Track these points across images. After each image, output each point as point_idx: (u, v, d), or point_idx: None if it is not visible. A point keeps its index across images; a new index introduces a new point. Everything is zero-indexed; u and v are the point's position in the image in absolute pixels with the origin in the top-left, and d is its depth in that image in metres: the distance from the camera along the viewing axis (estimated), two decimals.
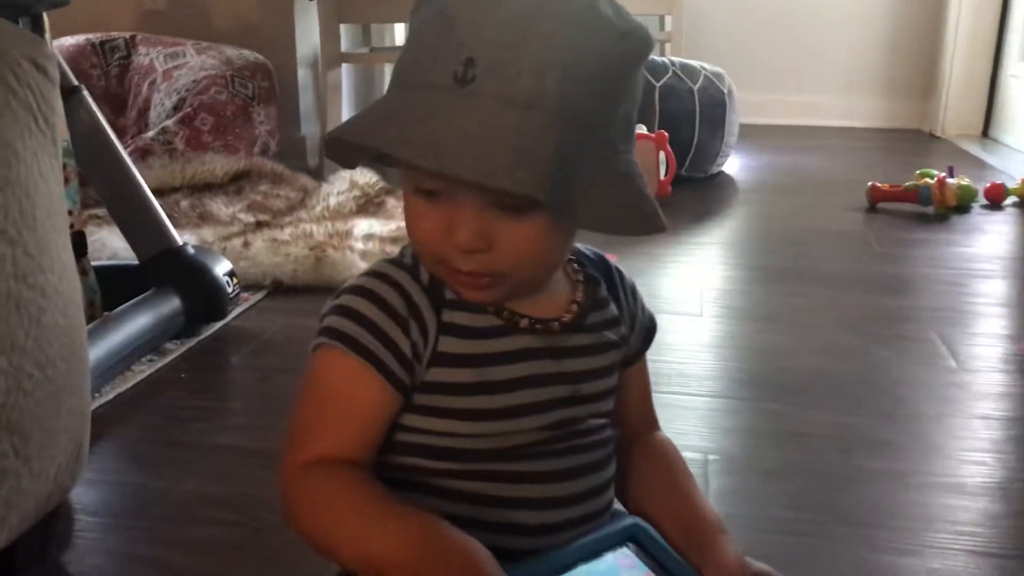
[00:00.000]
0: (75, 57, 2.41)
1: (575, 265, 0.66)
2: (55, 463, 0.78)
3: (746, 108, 2.89)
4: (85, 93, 1.37)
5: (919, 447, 1.10)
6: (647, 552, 0.63)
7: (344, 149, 0.59)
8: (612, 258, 0.70)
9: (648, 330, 0.70)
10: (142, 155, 2.17)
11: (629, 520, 0.64)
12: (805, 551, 0.89)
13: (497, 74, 0.51)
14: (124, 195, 1.40)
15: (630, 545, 0.63)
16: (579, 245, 0.67)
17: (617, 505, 0.68)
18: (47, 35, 1.16)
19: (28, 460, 0.73)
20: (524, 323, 0.60)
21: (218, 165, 2.17)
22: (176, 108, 2.26)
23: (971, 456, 1.08)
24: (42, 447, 0.75)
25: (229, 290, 1.44)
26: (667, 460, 0.70)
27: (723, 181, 2.73)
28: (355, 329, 0.57)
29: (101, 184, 1.40)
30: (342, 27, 2.73)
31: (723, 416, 1.19)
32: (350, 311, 0.58)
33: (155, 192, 2.06)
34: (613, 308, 0.66)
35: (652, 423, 0.72)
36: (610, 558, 0.61)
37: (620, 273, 0.69)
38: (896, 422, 1.16)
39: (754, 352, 1.41)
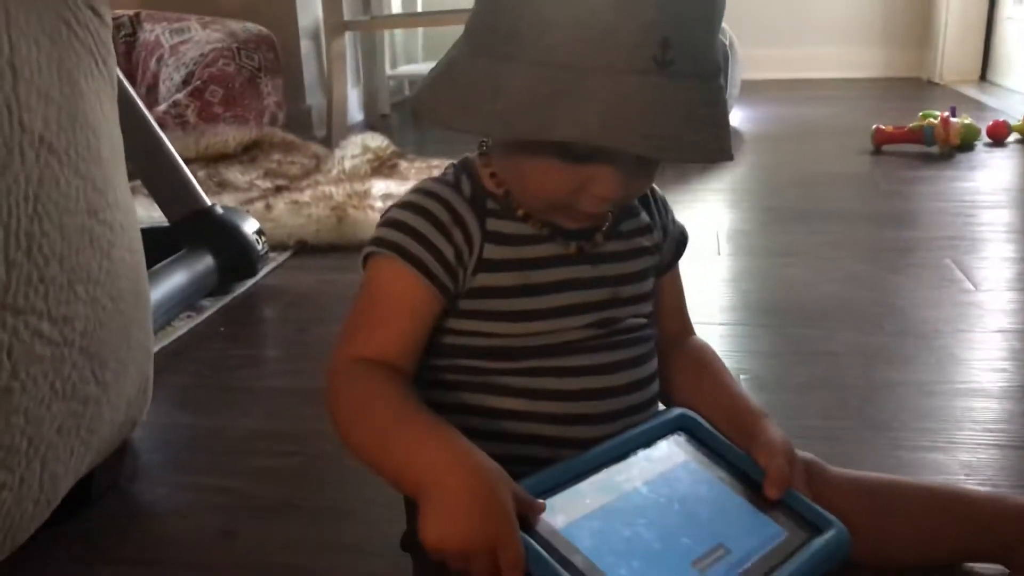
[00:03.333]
0: None
1: None
2: (126, 395, 0.82)
3: (746, 63, 2.90)
4: None
5: (940, 359, 1.14)
6: (697, 439, 0.67)
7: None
8: None
9: (679, 241, 0.74)
10: None
11: (678, 411, 0.68)
12: (838, 454, 0.90)
13: (690, 52, 0.52)
14: (152, 157, 1.42)
15: (681, 433, 0.67)
16: None
17: (662, 407, 0.71)
18: None
19: (106, 388, 0.77)
20: (572, 247, 0.64)
21: (230, 136, 2.20)
22: (185, 82, 2.29)
23: (991, 364, 1.12)
24: (116, 377, 0.79)
25: (259, 248, 1.48)
26: (706, 358, 0.74)
27: None
28: (401, 237, 0.61)
29: (129, 147, 1.42)
30: None
31: (749, 341, 1.23)
32: (397, 222, 0.62)
33: None
34: (644, 216, 0.70)
35: (688, 328, 0.77)
36: (664, 445, 0.65)
37: (651, 186, 0.72)
38: (916, 339, 1.20)
39: (774, 283, 1.45)
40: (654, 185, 0.72)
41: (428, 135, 2.74)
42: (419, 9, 3.55)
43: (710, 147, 0.53)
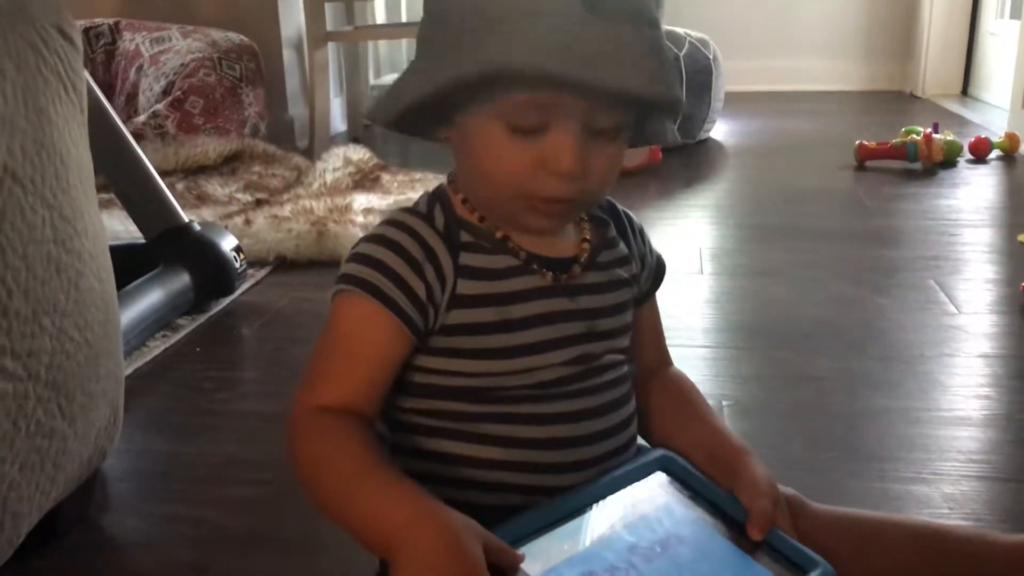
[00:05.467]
0: None
1: None
2: (95, 426, 0.80)
3: (729, 76, 2.91)
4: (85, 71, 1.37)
5: (924, 385, 1.13)
6: (679, 479, 0.65)
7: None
8: None
9: (657, 270, 0.72)
10: (134, 140, 2.16)
11: (658, 452, 0.66)
12: (823, 486, 0.91)
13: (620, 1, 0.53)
14: (128, 173, 1.40)
15: (661, 474, 0.65)
16: None
17: (641, 442, 0.70)
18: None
19: (73, 421, 0.74)
20: (549, 277, 0.62)
21: (211, 147, 2.17)
22: (165, 92, 2.26)
23: (975, 391, 1.11)
24: (84, 409, 0.76)
25: (237, 265, 1.46)
26: (684, 391, 0.72)
27: (712, 147, 2.76)
28: (370, 273, 0.59)
29: (104, 162, 1.40)
30: (326, 6, 2.72)
31: (733, 364, 1.22)
32: (366, 257, 0.60)
33: None
34: (623, 247, 0.68)
35: (666, 360, 0.74)
36: (645, 486, 0.63)
37: (628, 216, 0.71)
38: (900, 363, 1.19)
39: (757, 304, 1.44)
40: (631, 214, 0.71)
41: (412, 147, 2.72)
42: (403, 19, 3.53)
43: (644, 79, 0.53)
